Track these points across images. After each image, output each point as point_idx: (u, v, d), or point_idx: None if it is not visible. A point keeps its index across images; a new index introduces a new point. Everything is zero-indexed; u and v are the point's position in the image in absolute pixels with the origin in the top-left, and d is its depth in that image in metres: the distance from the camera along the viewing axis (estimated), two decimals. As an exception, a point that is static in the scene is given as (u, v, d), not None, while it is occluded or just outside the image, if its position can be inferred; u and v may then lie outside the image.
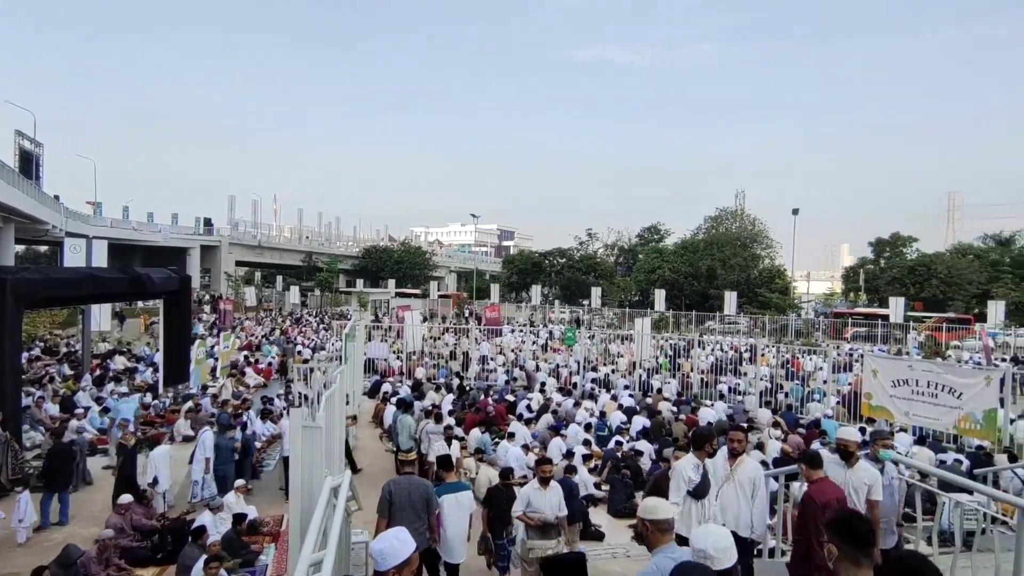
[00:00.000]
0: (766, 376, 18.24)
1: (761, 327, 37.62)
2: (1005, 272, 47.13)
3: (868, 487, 4.77)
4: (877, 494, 4.78)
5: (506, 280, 61.44)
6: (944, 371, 11.68)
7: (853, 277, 56.24)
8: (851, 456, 4.92)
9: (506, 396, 15.79)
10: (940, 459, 10.09)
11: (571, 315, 46.09)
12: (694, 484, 4.81)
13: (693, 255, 51.25)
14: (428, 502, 5.41)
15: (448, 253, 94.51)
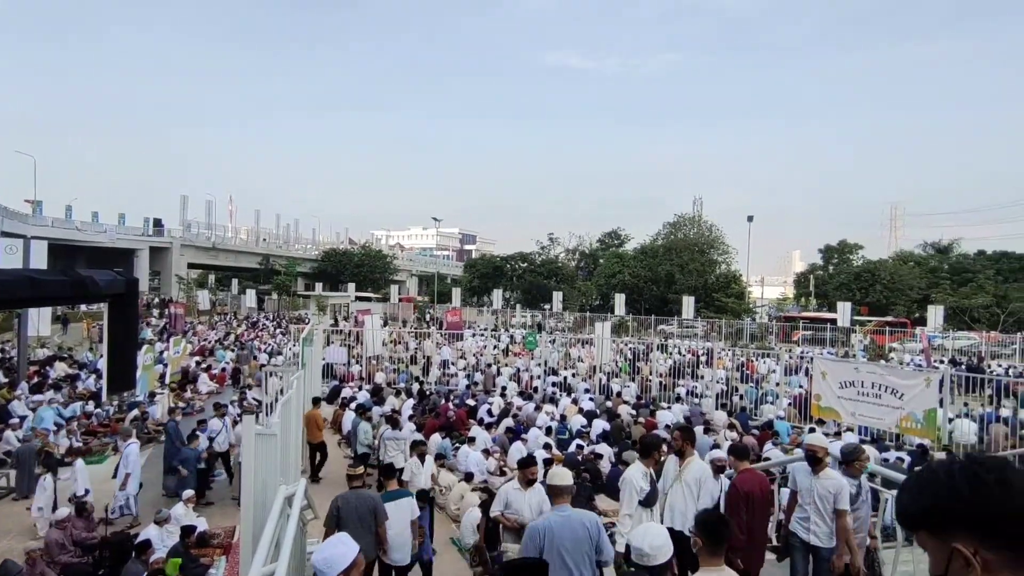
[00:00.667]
0: (722, 379, 18.68)
1: (718, 331, 38.57)
2: (943, 278, 49.69)
3: (834, 495, 4.77)
4: (844, 503, 4.75)
5: (468, 284, 61.33)
6: (887, 373, 12.19)
7: (804, 282, 58.36)
8: (819, 463, 4.88)
9: (467, 400, 15.72)
10: (884, 457, 10.51)
11: (532, 319, 46.30)
12: (644, 493, 4.76)
13: (652, 260, 52.19)
14: (376, 514, 5.49)
15: (410, 257, 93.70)
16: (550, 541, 3.78)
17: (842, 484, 4.84)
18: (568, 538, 3.80)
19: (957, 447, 12.09)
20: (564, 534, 3.80)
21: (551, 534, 3.80)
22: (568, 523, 3.87)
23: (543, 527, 3.87)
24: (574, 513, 3.98)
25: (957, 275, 50.13)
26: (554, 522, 3.89)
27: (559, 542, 3.77)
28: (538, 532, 3.84)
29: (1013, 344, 33.41)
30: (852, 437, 12.02)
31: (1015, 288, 44.79)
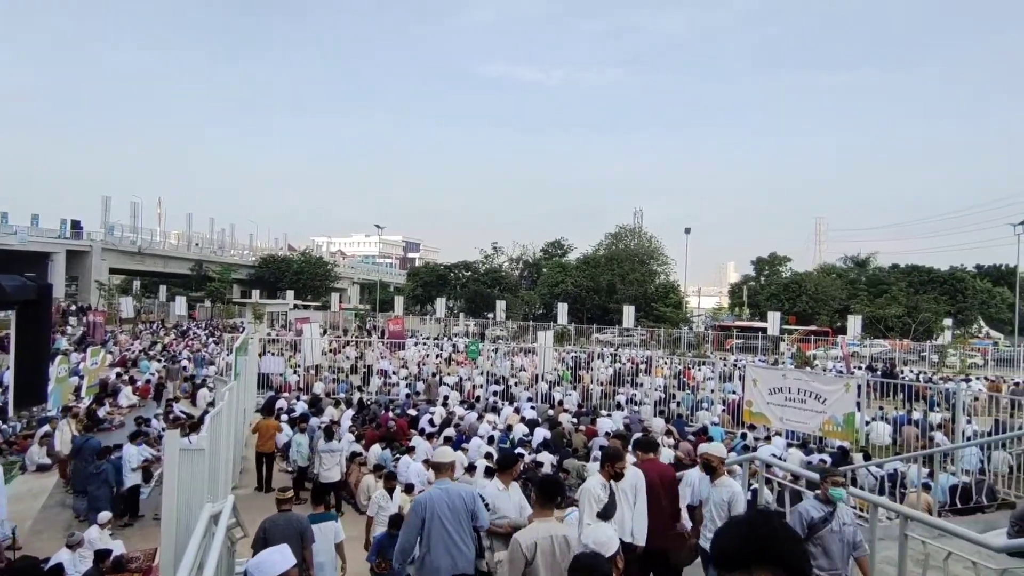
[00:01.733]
0: (660, 387, 19.18)
1: (657, 340, 39.65)
2: (861, 289, 53.05)
3: (728, 503, 4.76)
4: (739, 509, 4.77)
5: (411, 292, 60.60)
6: (811, 379, 12.86)
7: (738, 293, 60.86)
8: (714, 471, 4.93)
9: (408, 410, 15.48)
10: (808, 460, 11.05)
11: (476, 327, 46.20)
12: (603, 504, 4.65)
13: (594, 270, 53.17)
14: (303, 537, 5.57)
15: (351, 264, 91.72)
16: (431, 510, 4.35)
17: (737, 492, 4.86)
18: (447, 507, 4.37)
19: (873, 448, 12.86)
20: (444, 504, 4.37)
21: (432, 504, 4.38)
22: (447, 495, 4.43)
23: (426, 499, 4.46)
24: (453, 486, 4.56)
25: (874, 287, 53.60)
26: (435, 494, 4.46)
27: (440, 511, 4.35)
28: (421, 503, 4.44)
29: (922, 351, 35.98)
30: (780, 441, 12.58)
31: (924, 299, 48.31)
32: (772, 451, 11.33)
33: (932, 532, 4.18)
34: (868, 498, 4.68)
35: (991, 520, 7.33)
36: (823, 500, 4.45)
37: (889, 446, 13.25)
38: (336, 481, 9.65)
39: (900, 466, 9.26)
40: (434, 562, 4.29)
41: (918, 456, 9.16)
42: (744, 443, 12.30)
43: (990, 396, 16.94)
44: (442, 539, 4.32)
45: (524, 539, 3.80)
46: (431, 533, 4.33)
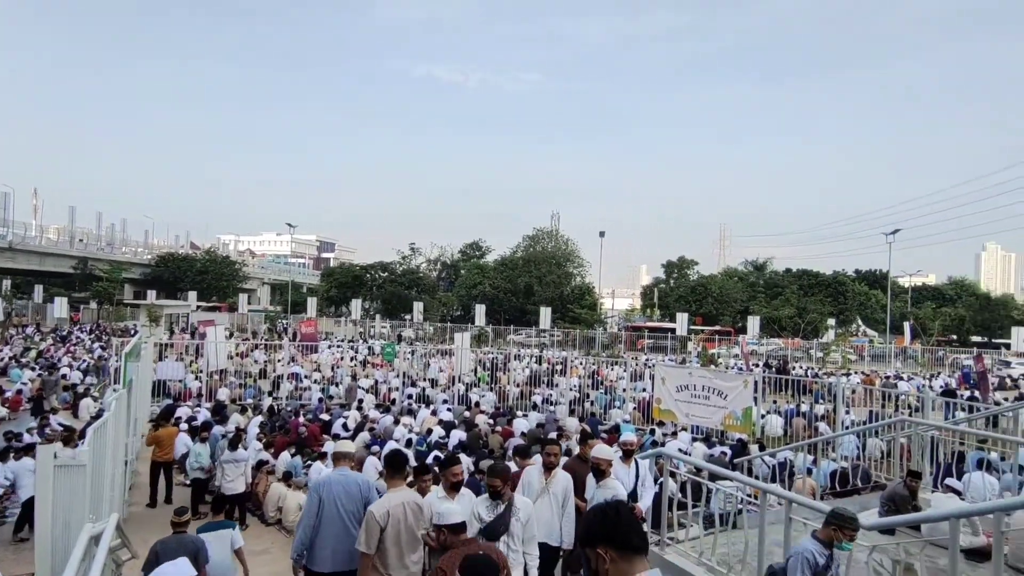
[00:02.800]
0: (575, 387, 19.66)
1: (572, 341, 40.62)
2: (760, 292, 56.97)
3: None
4: None
5: (325, 293, 58.57)
6: (714, 377, 13.66)
7: (649, 295, 63.53)
8: (602, 474, 5.05)
9: (320, 415, 14.95)
10: (710, 453, 11.71)
11: (393, 329, 45.37)
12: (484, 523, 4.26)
13: (512, 272, 53.70)
14: (197, 557, 5.45)
15: (261, 264, 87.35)
16: (328, 492, 4.59)
17: (619, 491, 4.96)
18: (343, 493, 4.61)
19: (767, 439, 13.83)
20: (340, 489, 4.63)
21: (329, 487, 4.63)
22: (344, 481, 4.69)
23: (324, 482, 4.73)
24: (351, 474, 4.84)
25: (770, 289, 57.73)
26: (333, 479, 4.74)
27: (336, 494, 4.59)
28: (319, 485, 4.70)
29: (810, 349, 39.16)
30: (686, 436, 13.24)
31: (812, 301, 52.58)
32: (679, 446, 11.92)
33: (813, 514, 4.56)
34: (758, 485, 5.04)
35: (865, 501, 8.07)
36: (824, 542, 3.97)
37: (781, 437, 14.30)
38: (241, 493, 9.14)
39: (789, 455, 10.00)
40: (316, 550, 4.50)
41: (804, 445, 9.94)
42: (653, 439, 12.85)
43: (866, 389, 18.71)
44: (332, 524, 4.53)
45: (378, 509, 4.18)
46: (323, 516, 4.54)
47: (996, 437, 9.00)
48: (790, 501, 4.40)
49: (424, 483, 5.67)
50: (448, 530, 3.73)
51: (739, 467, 9.91)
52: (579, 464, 5.69)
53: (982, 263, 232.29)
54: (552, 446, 5.21)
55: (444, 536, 3.75)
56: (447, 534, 3.73)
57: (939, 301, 55.78)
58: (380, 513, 4.15)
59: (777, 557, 4.48)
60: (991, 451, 8.87)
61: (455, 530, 3.74)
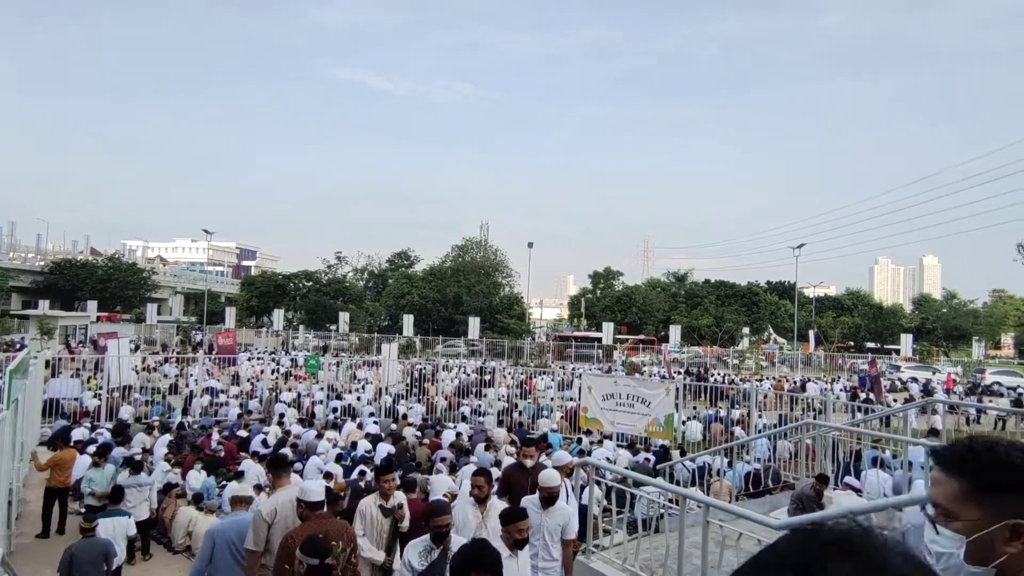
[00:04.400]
0: (504, 396, 19.72)
1: (500, 351, 40.76)
2: (681, 302, 59.43)
3: (561, 527, 4.69)
4: (572, 532, 4.75)
5: (245, 303, 55.82)
6: (639, 385, 14.08)
7: (577, 305, 64.83)
8: (551, 501, 4.75)
9: (238, 431, 14.21)
10: (635, 460, 12.05)
11: (317, 340, 43.87)
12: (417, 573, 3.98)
13: (441, 282, 53.35)
14: (107, 557, 6.09)
15: (174, 272, 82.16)
16: (222, 537, 4.62)
17: (569, 514, 4.79)
18: (238, 538, 4.58)
19: (688, 444, 14.40)
20: (234, 535, 4.63)
21: (224, 533, 4.69)
22: (239, 527, 4.66)
23: (219, 528, 4.83)
24: (245, 516, 4.94)
25: (690, 299, 60.36)
26: (228, 524, 4.87)
27: (229, 539, 4.62)
28: (215, 531, 4.77)
29: (726, 356, 41.23)
30: (611, 444, 13.55)
31: (729, 311, 55.44)
32: (605, 454, 12.19)
33: (729, 516, 4.78)
34: (677, 491, 5.24)
35: (776, 500, 8.56)
36: None
37: (700, 441, 14.92)
38: (144, 520, 8.51)
39: (708, 459, 10.46)
40: None
41: (721, 449, 10.42)
42: (580, 448, 13.07)
43: (776, 394, 19.89)
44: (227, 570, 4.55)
45: (266, 507, 4.39)
46: (216, 562, 4.57)
47: (888, 437, 9.79)
48: (707, 505, 4.59)
49: (387, 483, 5.39)
50: (306, 505, 4.14)
51: (662, 472, 10.26)
52: (517, 472, 5.66)
53: (875, 276, 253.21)
54: (477, 477, 4.75)
55: (303, 510, 4.16)
56: (305, 508, 4.14)
57: (838, 311, 60.18)
58: (268, 511, 4.33)
59: (696, 560, 4.66)
60: (884, 449, 9.64)
61: (312, 507, 4.16)
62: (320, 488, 4.39)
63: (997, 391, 27.87)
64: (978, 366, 39.03)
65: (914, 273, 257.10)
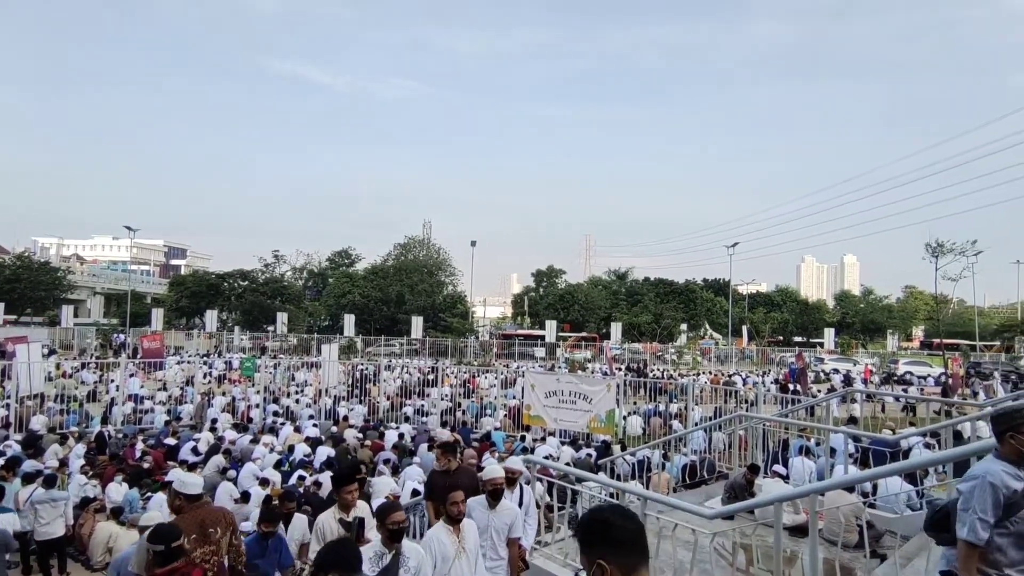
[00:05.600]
0: (447, 396, 19.58)
1: (444, 349, 40.52)
2: (622, 299, 60.81)
3: (508, 526, 4.64)
4: (517, 531, 4.70)
5: (173, 304, 53.05)
6: (580, 381, 14.29)
7: (520, 303, 65.21)
8: (498, 496, 4.69)
9: (165, 439, 13.50)
10: (578, 456, 12.23)
11: (253, 341, 42.25)
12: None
13: (383, 280, 52.53)
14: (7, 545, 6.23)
15: (93, 271, 77.19)
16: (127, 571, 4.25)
17: (516, 513, 4.74)
18: None
19: (629, 439, 14.74)
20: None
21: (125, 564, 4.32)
22: None
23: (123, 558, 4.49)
24: None
25: (630, 297, 61.87)
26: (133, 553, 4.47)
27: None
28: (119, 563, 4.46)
29: (665, 352, 42.51)
30: (554, 441, 13.70)
31: (668, 308, 57.18)
32: (548, 451, 12.30)
33: (666, 507, 4.91)
34: (616, 485, 5.35)
35: (711, 491, 8.87)
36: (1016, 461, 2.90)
37: (640, 436, 15.31)
38: (59, 537, 7.94)
39: (648, 452, 10.72)
40: None
41: (660, 442, 10.72)
42: (523, 445, 13.14)
43: (712, 387, 20.65)
44: None
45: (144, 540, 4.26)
46: None
47: (812, 426, 10.31)
48: (645, 498, 4.70)
49: (349, 495, 4.76)
50: (184, 498, 4.16)
51: (603, 467, 10.44)
52: (440, 476, 5.55)
53: (802, 273, 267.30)
54: (455, 492, 4.27)
55: (180, 502, 4.16)
56: (183, 500, 4.16)
57: (768, 307, 63.23)
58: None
59: (634, 551, 4.75)
60: (809, 438, 10.17)
61: (190, 499, 4.18)
62: (197, 480, 4.42)
63: (908, 380, 30.00)
64: (892, 357, 41.88)
65: (836, 271, 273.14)
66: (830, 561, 4.77)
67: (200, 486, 4.34)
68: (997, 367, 34.97)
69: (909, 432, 9.16)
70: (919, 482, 7.39)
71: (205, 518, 4.19)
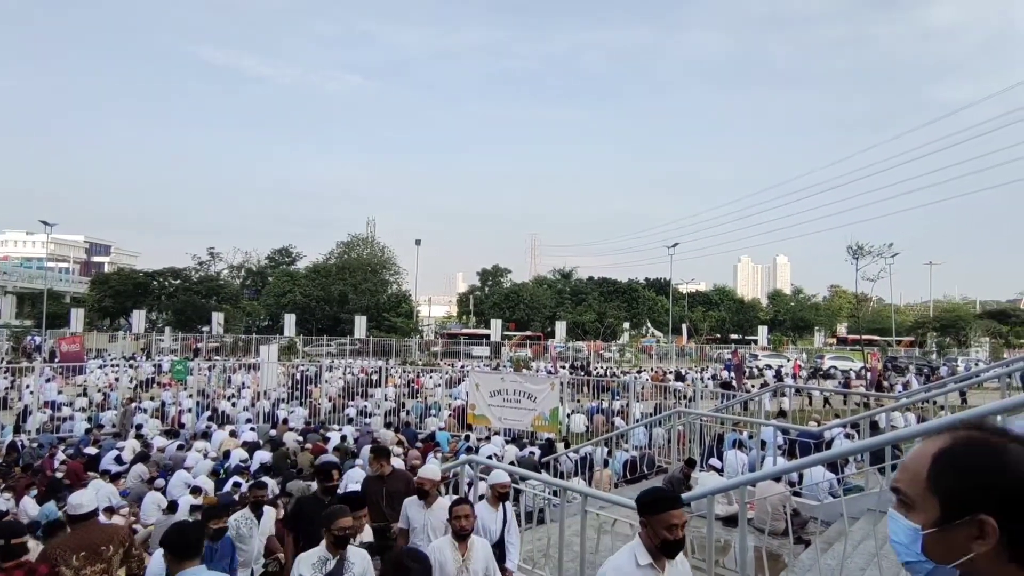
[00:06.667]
0: (392, 396, 19.30)
1: (388, 349, 39.94)
2: (566, 299, 61.60)
3: (445, 525, 4.48)
4: None
5: (96, 304, 49.91)
6: (525, 380, 14.40)
7: (465, 302, 65.03)
8: (427, 495, 4.70)
9: (86, 448, 12.72)
10: (522, 454, 12.31)
11: (184, 343, 40.35)
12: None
13: (325, 279, 51.27)
14: None
15: (4, 268, 71.58)
16: None
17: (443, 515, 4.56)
18: None
19: (572, 436, 14.96)
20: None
21: None
22: None
23: None
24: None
25: (575, 296, 62.76)
26: None
27: None
28: None
29: (608, 350, 43.38)
30: (499, 440, 13.74)
31: (611, 307, 58.35)
32: (492, 450, 12.33)
33: (606, 503, 5.03)
34: (558, 483, 5.44)
35: (651, 485, 9.14)
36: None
37: (583, 433, 15.56)
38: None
39: (590, 449, 10.93)
40: None
41: (601, 440, 10.93)
42: (468, 445, 13.13)
43: (654, 385, 21.23)
44: None
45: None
46: None
47: (744, 420, 10.79)
48: (585, 495, 4.79)
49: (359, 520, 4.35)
50: (68, 517, 4.27)
51: (547, 465, 10.57)
52: (375, 482, 5.46)
53: (739, 273, 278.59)
54: (461, 506, 4.03)
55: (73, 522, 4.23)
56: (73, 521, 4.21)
57: (707, 305, 65.54)
58: None
59: (575, 548, 4.85)
60: (743, 432, 10.63)
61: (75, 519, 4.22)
62: (88, 499, 4.35)
63: (832, 374, 31.83)
64: (819, 353, 44.26)
65: (770, 270, 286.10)
66: (759, 548, 5.01)
67: (87, 506, 4.30)
68: (912, 361, 37.57)
69: (833, 424, 9.73)
70: (840, 471, 7.85)
71: (95, 537, 4.18)
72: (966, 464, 1.01)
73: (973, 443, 1.03)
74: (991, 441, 1.02)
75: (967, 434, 1.05)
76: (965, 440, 1.04)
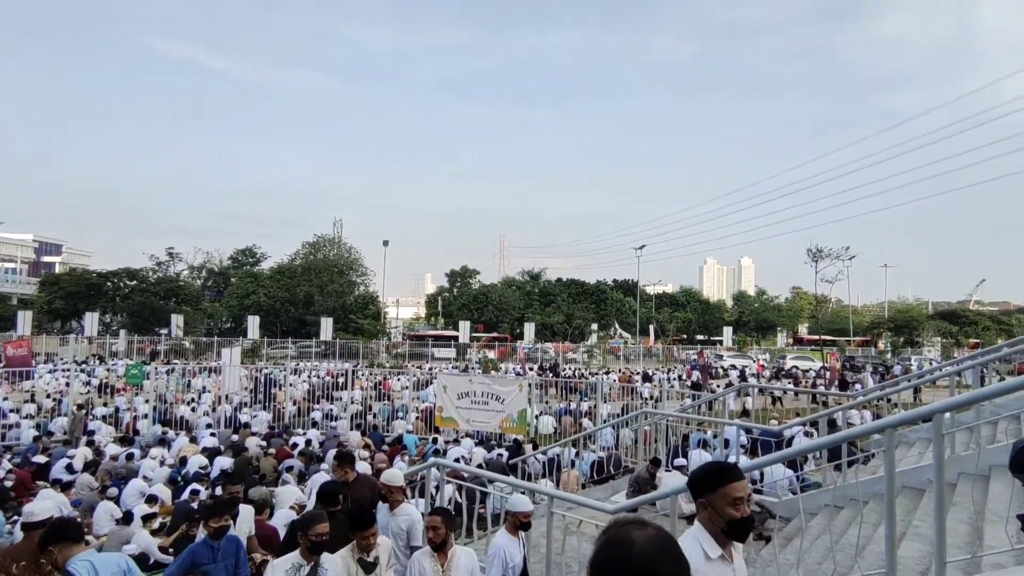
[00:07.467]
0: (359, 399, 19.03)
1: (355, 351, 39.40)
2: (535, 300, 61.81)
3: (407, 531, 4.57)
4: (417, 539, 4.55)
5: (46, 306, 47.87)
6: (493, 382, 14.37)
7: (434, 303, 64.68)
8: (391, 500, 4.71)
9: (34, 457, 12.19)
10: (490, 456, 12.28)
11: (141, 346, 39.05)
12: None
13: (291, 281, 50.36)
14: None
15: (-57, 269, 68.21)
16: None
17: (415, 519, 4.65)
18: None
19: (541, 438, 14.99)
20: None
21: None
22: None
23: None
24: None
25: (544, 297, 63.02)
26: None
27: None
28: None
29: (576, 351, 43.67)
30: (468, 442, 13.68)
31: (579, 308, 58.77)
32: (460, 452, 12.27)
33: (573, 504, 5.05)
34: (525, 485, 5.44)
35: (618, 485, 9.21)
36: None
37: (552, 434, 15.61)
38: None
39: (558, 450, 10.96)
40: None
41: (569, 441, 10.98)
42: (435, 447, 13.04)
43: (622, 385, 21.45)
44: None
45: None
46: None
47: (708, 420, 10.98)
48: (551, 496, 4.80)
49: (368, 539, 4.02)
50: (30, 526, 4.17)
51: (515, 467, 10.56)
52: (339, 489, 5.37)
53: (704, 274, 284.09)
54: (434, 517, 3.97)
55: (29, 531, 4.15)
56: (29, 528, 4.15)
57: (674, 307, 66.61)
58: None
59: (542, 549, 4.85)
60: (707, 431, 10.80)
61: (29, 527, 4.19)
62: (41, 508, 4.37)
63: (794, 374, 32.69)
64: (781, 353, 45.43)
65: (735, 272, 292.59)
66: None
67: (39, 515, 4.28)
68: (868, 360, 38.86)
69: (793, 423, 9.98)
70: (799, 468, 8.05)
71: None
72: (598, 561, 1.30)
73: (610, 541, 1.31)
74: (627, 537, 1.29)
75: (614, 531, 1.34)
76: (606, 539, 1.33)
